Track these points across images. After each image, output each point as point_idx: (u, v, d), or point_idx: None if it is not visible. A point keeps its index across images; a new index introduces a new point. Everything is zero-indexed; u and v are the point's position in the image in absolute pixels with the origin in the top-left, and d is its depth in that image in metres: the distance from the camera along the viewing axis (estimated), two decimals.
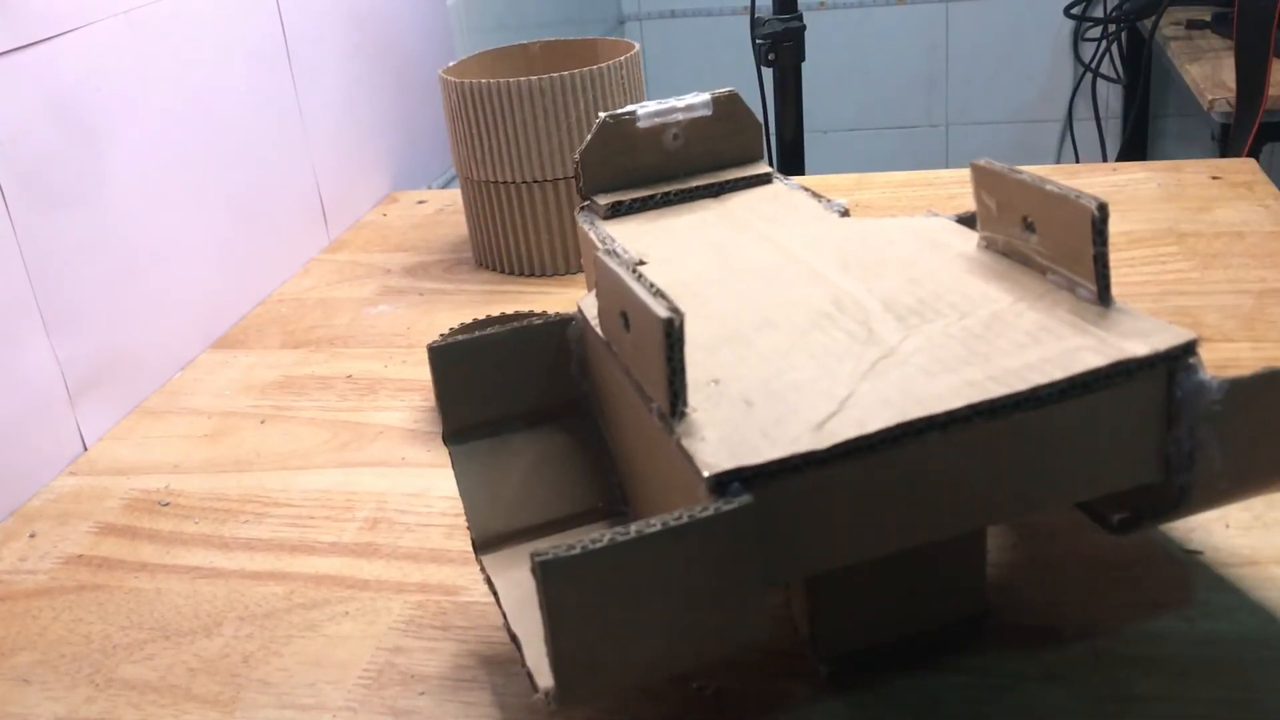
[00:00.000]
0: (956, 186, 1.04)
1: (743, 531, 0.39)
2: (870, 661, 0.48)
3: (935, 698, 0.47)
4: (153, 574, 0.62)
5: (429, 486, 0.67)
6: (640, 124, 0.63)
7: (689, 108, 0.64)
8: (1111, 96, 2.28)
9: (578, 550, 0.37)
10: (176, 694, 0.53)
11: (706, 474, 0.40)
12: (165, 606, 0.59)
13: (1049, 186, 0.46)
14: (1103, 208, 0.44)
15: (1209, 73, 1.59)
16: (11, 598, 0.61)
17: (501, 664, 0.52)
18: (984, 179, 0.51)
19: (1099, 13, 2.20)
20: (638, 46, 0.94)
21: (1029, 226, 0.49)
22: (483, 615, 0.55)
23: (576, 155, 0.64)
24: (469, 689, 0.51)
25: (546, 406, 0.53)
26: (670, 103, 0.64)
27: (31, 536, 0.66)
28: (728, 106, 0.65)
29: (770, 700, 0.48)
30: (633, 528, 0.38)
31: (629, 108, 0.63)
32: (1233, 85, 1.47)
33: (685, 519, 0.38)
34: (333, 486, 0.68)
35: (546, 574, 0.37)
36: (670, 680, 0.49)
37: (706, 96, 0.64)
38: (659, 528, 0.38)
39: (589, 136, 0.63)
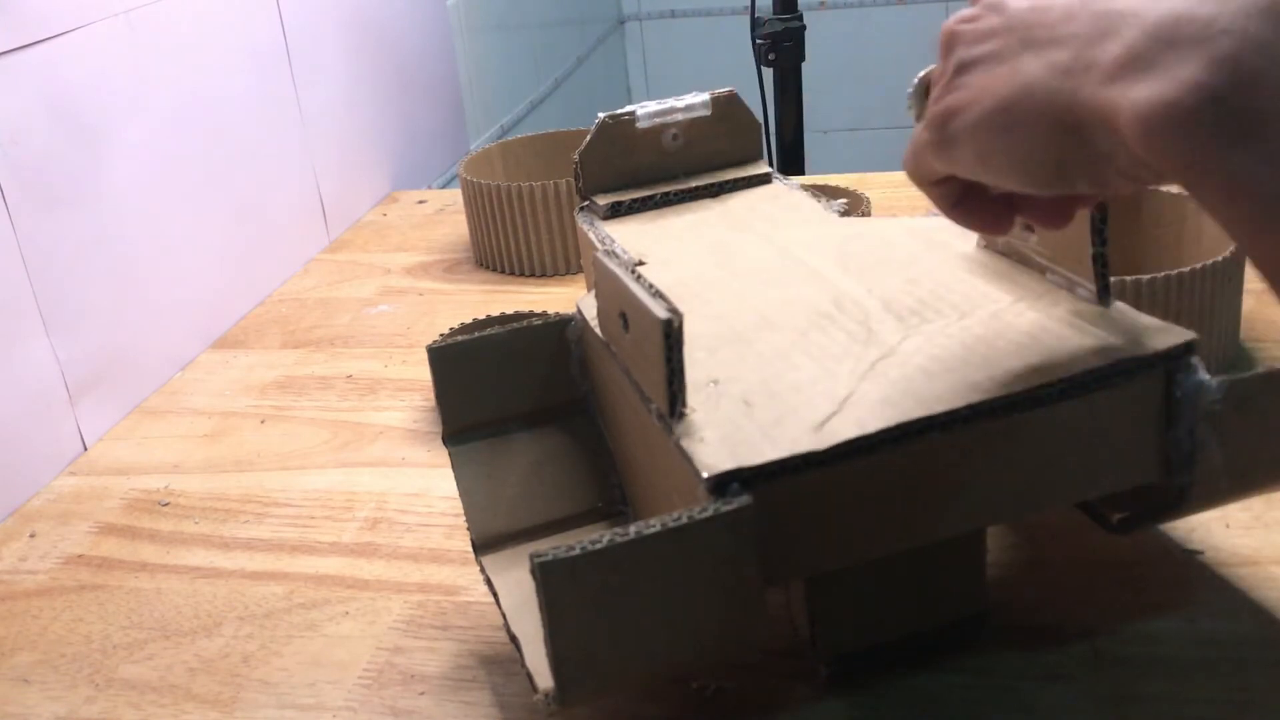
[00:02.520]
0: None
1: (742, 532, 0.39)
2: (870, 661, 0.48)
3: (935, 698, 0.47)
4: (153, 574, 0.62)
5: (429, 486, 0.67)
6: (640, 124, 0.63)
7: (688, 108, 0.64)
8: None
9: (576, 551, 0.37)
10: (176, 694, 0.53)
11: (705, 475, 0.40)
12: (165, 606, 0.59)
13: None
14: (1102, 207, 0.44)
15: None
16: (11, 598, 0.61)
17: (501, 664, 0.52)
18: None
19: None
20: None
21: (1028, 226, 0.49)
22: (483, 615, 0.55)
23: (576, 156, 0.64)
24: (469, 689, 0.51)
25: (546, 407, 0.53)
26: (670, 103, 0.64)
27: (31, 536, 0.66)
28: (727, 106, 0.65)
29: (770, 700, 0.48)
30: (632, 529, 0.38)
31: (628, 108, 0.63)
32: None
33: (684, 520, 0.38)
34: (333, 486, 0.68)
35: (546, 575, 0.37)
36: (670, 680, 0.49)
37: (706, 96, 0.64)
38: (658, 528, 0.38)
39: (588, 137, 0.63)
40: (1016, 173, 0.38)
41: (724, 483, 0.40)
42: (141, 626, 0.58)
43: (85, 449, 0.75)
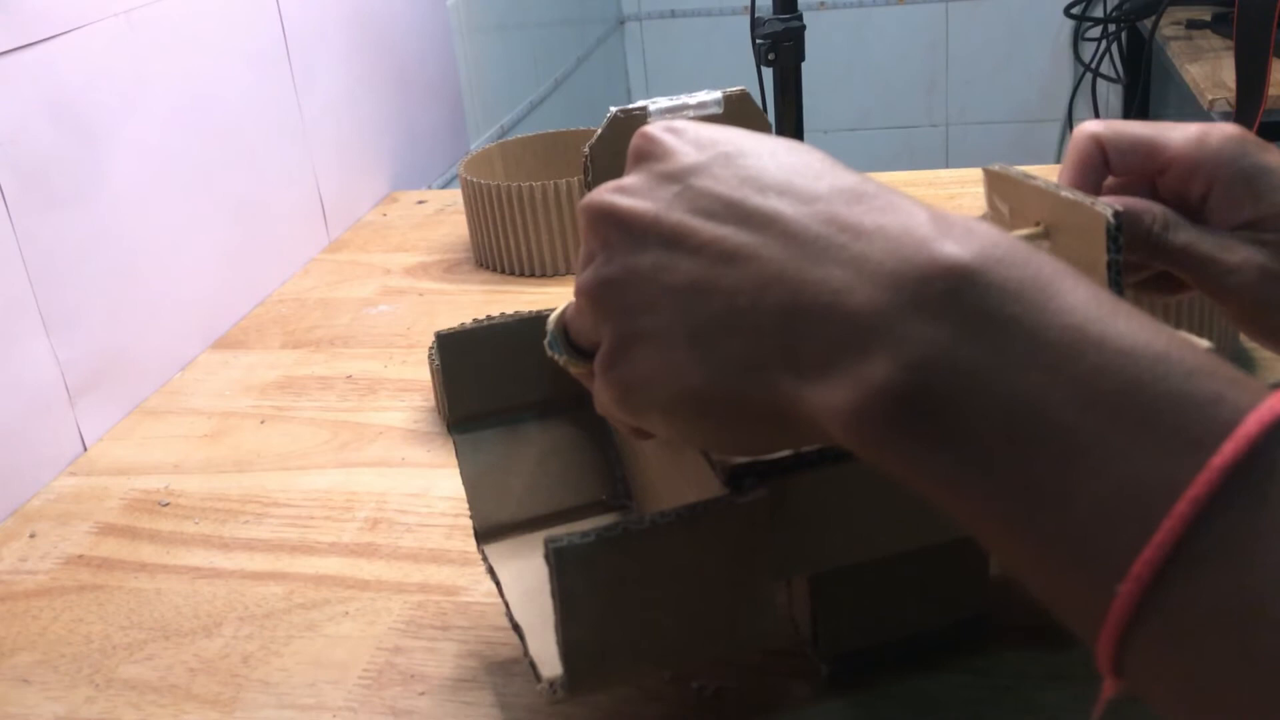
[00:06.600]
0: (957, 186, 1.04)
1: (757, 524, 0.39)
2: (870, 661, 0.48)
3: (935, 698, 0.47)
4: (153, 574, 0.62)
5: (429, 486, 0.67)
6: (651, 120, 0.63)
7: (700, 105, 0.64)
8: (1111, 96, 2.28)
9: (592, 538, 0.37)
10: (176, 694, 0.53)
11: (722, 467, 0.40)
12: (165, 606, 0.59)
13: (1064, 193, 0.46)
14: (1118, 214, 0.44)
15: (1209, 73, 1.59)
16: (11, 598, 0.61)
17: (502, 664, 0.52)
18: (997, 184, 0.50)
19: (1099, 13, 2.19)
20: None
21: (1045, 235, 0.48)
22: (483, 615, 0.55)
23: (586, 149, 0.63)
24: (469, 689, 0.51)
25: (553, 398, 0.53)
26: (682, 99, 0.64)
27: (31, 536, 0.66)
28: (739, 105, 0.65)
29: (770, 700, 0.48)
30: (647, 517, 0.38)
31: (640, 103, 0.63)
32: (1233, 85, 1.47)
33: (700, 509, 0.39)
34: (333, 486, 0.68)
35: (560, 561, 0.37)
36: (670, 680, 0.49)
37: (718, 94, 0.64)
38: (673, 518, 0.38)
39: (599, 131, 0.63)
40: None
41: (740, 475, 0.40)
42: (141, 626, 0.58)
43: (85, 449, 0.75)
